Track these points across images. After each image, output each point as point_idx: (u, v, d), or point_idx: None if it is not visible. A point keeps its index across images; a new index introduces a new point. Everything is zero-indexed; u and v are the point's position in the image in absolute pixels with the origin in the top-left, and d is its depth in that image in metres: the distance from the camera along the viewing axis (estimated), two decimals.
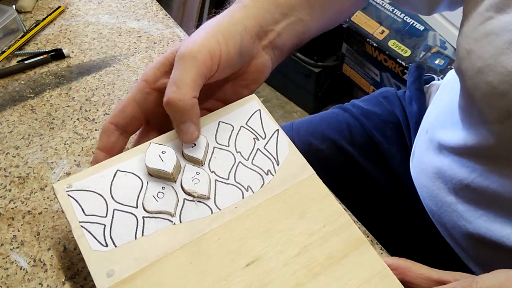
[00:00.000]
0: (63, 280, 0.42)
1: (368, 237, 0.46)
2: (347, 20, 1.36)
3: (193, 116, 0.38)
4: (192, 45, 0.39)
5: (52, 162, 0.50)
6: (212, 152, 0.40)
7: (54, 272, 0.42)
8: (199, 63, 0.38)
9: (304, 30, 0.48)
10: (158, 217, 0.37)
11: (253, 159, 0.40)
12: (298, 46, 0.49)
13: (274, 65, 0.48)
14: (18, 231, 0.45)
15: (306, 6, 0.47)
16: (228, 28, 0.41)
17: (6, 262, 0.43)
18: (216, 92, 0.45)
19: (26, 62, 0.59)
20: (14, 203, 0.47)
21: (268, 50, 0.45)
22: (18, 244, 0.44)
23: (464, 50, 0.43)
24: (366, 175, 0.65)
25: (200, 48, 0.39)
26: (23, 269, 0.43)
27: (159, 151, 0.38)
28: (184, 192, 0.38)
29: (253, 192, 0.38)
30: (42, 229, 0.45)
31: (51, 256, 0.43)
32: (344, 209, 0.48)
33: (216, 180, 0.39)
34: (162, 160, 0.38)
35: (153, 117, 0.43)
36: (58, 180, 0.48)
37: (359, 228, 0.46)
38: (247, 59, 0.43)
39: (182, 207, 0.37)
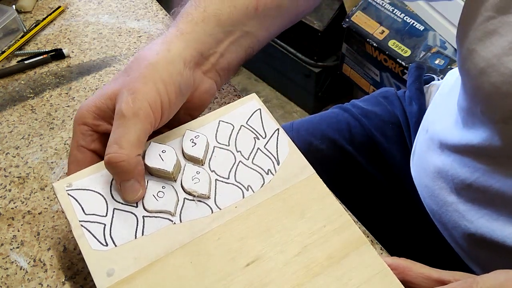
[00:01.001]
0: (63, 280, 0.42)
1: (368, 237, 0.46)
2: (347, 20, 1.36)
3: (137, 174, 0.36)
4: (132, 101, 0.36)
5: (52, 162, 0.50)
6: (213, 152, 0.40)
7: (54, 272, 0.42)
8: (141, 120, 0.36)
9: (252, 43, 0.46)
10: (158, 217, 0.36)
11: (253, 158, 0.40)
12: (247, 59, 0.47)
13: (222, 84, 0.45)
14: (18, 231, 0.45)
15: (254, 17, 0.44)
16: (167, 70, 0.38)
17: (6, 262, 0.43)
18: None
19: (26, 62, 0.59)
20: (14, 203, 0.47)
21: (211, 74, 0.43)
22: (18, 244, 0.44)
23: (466, 50, 0.43)
24: (366, 175, 0.65)
25: (141, 104, 0.36)
26: (23, 269, 0.43)
27: (159, 150, 0.38)
28: (184, 191, 0.38)
29: (253, 192, 0.38)
30: (42, 229, 0.45)
31: (51, 256, 0.43)
32: (344, 209, 0.48)
33: (216, 179, 0.39)
34: (162, 160, 0.38)
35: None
36: (58, 180, 0.48)
37: (359, 228, 0.46)
38: (189, 91, 0.41)
39: (182, 206, 0.37)
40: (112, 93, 0.38)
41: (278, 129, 0.42)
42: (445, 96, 0.58)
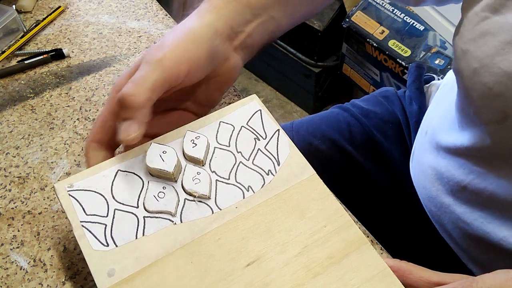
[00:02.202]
0: (63, 280, 0.42)
1: (368, 237, 0.46)
2: (347, 20, 1.36)
3: (139, 116, 0.37)
4: (159, 51, 0.38)
5: (52, 162, 0.50)
6: (213, 152, 0.40)
7: (54, 272, 0.42)
8: (164, 68, 0.37)
9: (276, 28, 0.48)
10: (159, 217, 0.37)
11: (253, 159, 0.40)
12: (269, 43, 0.49)
13: (243, 63, 0.47)
14: (18, 231, 0.45)
15: (279, 4, 0.47)
16: (198, 33, 0.40)
17: (6, 262, 0.43)
18: (189, 95, 0.45)
19: (26, 62, 0.59)
20: (14, 203, 0.47)
21: (239, 51, 0.45)
22: (18, 244, 0.44)
23: (460, 50, 0.43)
24: (366, 175, 0.65)
25: (168, 54, 0.38)
26: (23, 269, 0.43)
27: (160, 151, 0.38)
28: (185, 192, 0.38)
29: (253, 192, 0.38)
30: (42, 229, 0.45)
31: (51, 256, 0.43)
32: (344, 209, 0.48)
33: (217, 180, 0.39)
34: (163, 160, 0.38)
35: None
36: (58, 180, 0.48)
37: (359, 228, 0.46)
38: (219, 61, 0.43)
39: (183, 207, 0.37)
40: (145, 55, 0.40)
41: (278, 130, 0.42)
42: (445, 97, 0.58)
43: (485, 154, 0.45)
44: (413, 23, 1.30)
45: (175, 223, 0.36)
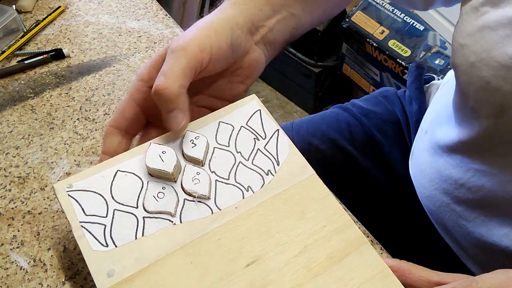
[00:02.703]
0: (63, 280, 0.42)
1: (368, 237, 0.46)
2: (347, 20, 1.36)
3: (180, 104, 0.39)
4: (182, 40, 0.39)
5: (52, 162, 0.50)
6: (213, 152, 0.40)
7: (54, 272, 0.42)
8: (188, 55, 0.39)
9: (296, 25, 0.49)
10: (159, 217, 0.36)
11: (253, 159, 0.40)
12: (290, 41, 0.50)
13: (268, 60, 0.48)
14: (18, 231, 0.45)
15: (299, 1, 0.47)
16: (219, 23, 0.41)
17: (6, 262, 0.43)
18: (212, 89, 0.45)
19: (26, 62, 0.59)
20: (14, 203, 0.47)
21: (261, 45, 0.46)
22: (18, 244, 0.44)
23: (458, 45, 0.43)
24: (366, 175, 0.65)
25: (190, 42, 0.39)
26: (23, 269, 0.43)
27: (159, 151, 0.38)
28: (185, 192, 0.38)
29: (253, 192, 0.38)
30: (42, 229, 0.45)
31: (51, 256, 0.43)
32: (344, 208, 0.48)
33: (216, 180, 0.39)
34: (163, 160, 0.38)
35: (153, 116, 0.43)
36: (58, 180, 0.48)
37: (359, 228, 0.46)
38: (240, 53, 0.44)
39: (183, 207, 0.37)
40: (168, 46, 0.41)
41: (278, 130, 0.42)
42: (444, 96, 0.58)
43: (482, 149, 0.45)
44: (413, 23, 1.30)
45: (175, 224, 0.36)
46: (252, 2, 0.45)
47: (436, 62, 1.22)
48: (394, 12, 1.33)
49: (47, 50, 0.61)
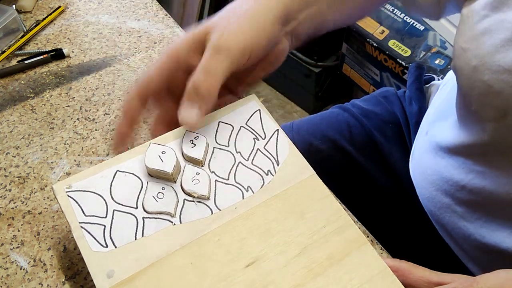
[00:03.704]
0: (63, 280, 0.42)
1: (368, 237, 0.46)
2: None
3: (207, 103, 0.39)
4: (227, 37, 0.39)
5: (52, 162, 0.50)
6: (212, 153, 0.40)
7: (54, 272, 0.42)
8: (232, 58, 0.39)
9: (322, 21, 0.48)
10: (158, 218, 0.36)
11: (253, 159, 0.40)
12: (313, 36, 0.49)
13: (289, 51, 0.48)
14: (18, 231, 0.45)
15: None
16: (260, 19, 0.41)
17: (6, 262, 0.43)
18: (233, 72, 0.46)
19: (26, 62, 0.59)
20: (14, 203, 0.47)
21: (288, 37, 0.46)
22: (18, 244, 0.44)
23: (460, 48, 0.43)
24: (366, 175, 0.65)
25: (235, 43, 0.39)
26: (23, 269, 0.43)
27: (158, 152, 0.38)
28: (184, 192, 0.38)
29: (253, 193, 0.38)
30: (42, 229, 0.45)
31: (51, 256, 0.43)
32: (344, 209, 0.48)
33: (216, 180, 0.39)
34: (162, 161, 0.38)
35: (174, 92, 0.43)
36: (58, 180, 0.48)
37: (359, 228, 0.46)
38: (273, 44, 0.44)
39: (182, 207, 0.37)
40: (207, 27, 0.41)
41: (277, 129, 0.42)
42: (444, 97, 0.58)
43: (485, 152, 0.45)
44: (413, 23, 1.30)
45: (175, 224, 0.36)
46: None
47: (436, 62, 1.22)
48: (394, 12, 1.33)
49: (47, 50, 0.61)
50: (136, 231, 0.36)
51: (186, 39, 0.41)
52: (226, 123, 0.42)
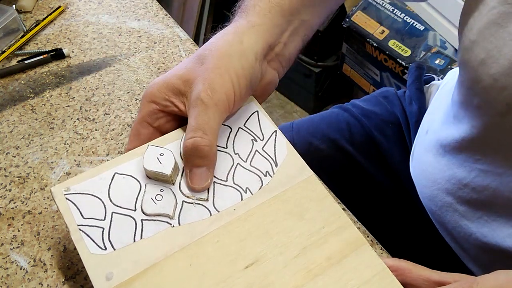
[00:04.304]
0: (63, 280, 0.42)
1: (368, 237, 0.46)
2: (347, 20, 1.36)
3: (213, 164, 0.38)
4: (211, 92, 0.38)
5: (52, 162, 0.50)
6: None
7: (54, 272, 0.43)
8: (220, 110, 0.38)
9: (307, 31, 0.48)
10: (157, 220, 0.36)
11: (251, 160, 0.40)
12: (303, 47, 0.49)
13: (283, 74, 0.47)
14: (18, 231, 0.45)
15: (308, 5, 0.46)
16: (240, 63, 0.40)
17: (6, 262, 0.43)
18: None
19: (26, 62, 0.59)
20: (14, 203, 0.47)
21: (274, 63, 0.45)
22: (18, 244, 0.44)
23: (468, 41, 0.42)
24: (366, 175, 0.65)
25: (220, 95, 0.38)
26: (23, 269, 0.43)
27: (157, 154, 0.38)
28: (183, 194, 0.38)
29: (251, 194, 0.38)
30: (42, 229, 0.45)
31: (51, 256, 0.43)
32: (344, 209, 0.48)
33: (214, 182, 0.39)
34: (160, 163, 0.38)
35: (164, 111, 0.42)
36: (58, 180, 0.48)
37: (359, 228, 0.46)
38: (257, 84, 0.43)
39: (181, 209, 0.37)
40: (185, 76, 0.39)
41: (275, 131, 0.42)
42: (445, 96, 0.58)
43: (486, 148, 0.45)
44: (413, 23, 1.29)
45: (173, 226, 0.36)
46: (268, 19, 0.43)
47: (436, 62, 1.22)
48: (394, 12, 1.33)
49: (47, 50, 0.61)
50: (135, 233, 0.36)
51: (160, 87, 0.40)
52: (224, 125, 0.42)
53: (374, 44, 1.30)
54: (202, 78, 0.39)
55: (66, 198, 0.37)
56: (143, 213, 0.37)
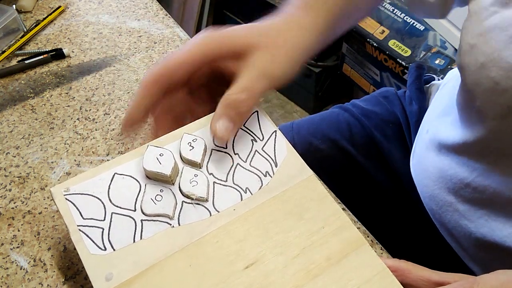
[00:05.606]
0: (63, 280, 0.42)
1: (368, 237, 0.47)
2: None
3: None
4: (276, 67, 0.40)
5: (52, 162, 0.51)
6: (210, 154, 0.40)
7: (54, 272, 0.43)
8: (272, 86, 0.40)
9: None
10: (157, 220, 0.36)
11: (251, 161, 0.40)
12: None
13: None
14: (18, 231, 0.45)
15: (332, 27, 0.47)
16: (302, 56, 0.42)
17: (6, 262, 0.43)
18: None
19: (26, 62, 0.59)
20: (14, 203, 0.47)
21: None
22: (18, 244, 0.44)
23: (467, 45, 0.42)
24: (366, 175, 0.65)
25: (280, 74, 0.40)
26: (23, 269, 0.43)
27: (156, 154, 0.38)
28: (183, 194, 0.38)
29: (251, 194, 0.38)
30: (42, 229, 0.45)
31: (51, 256, 0.44)
32: (344, 209, 0.48)
33: (214, 182, 0.39)
34: (160, 163, 0.38)
35: (188, 84, 0.42)
36: (58, 180, 0.48)
37: (359, 228, 0.46)
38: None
39: (181, 209, 0.37)
40: (250, 41, 0.40)
41: (275, 131, 0.42)
42: (445, 96, 0.58)
43: (488, 151, 0.45)
44: (413, 23, 1.30)
45: (173, 226, 0.36)
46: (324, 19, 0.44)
47: (436, 62, 1.22)
48: (394, 12, 1.33)
49: (47, 50, 0.61)
50: (135, 233, 0.36)
51: (221, 40, 0.40)
52: None
53: (374, 44, 1.30)
54: (270, 52, 0.40)
55: (66, 199, 0.37)
56: (143, 213, 0.37)
